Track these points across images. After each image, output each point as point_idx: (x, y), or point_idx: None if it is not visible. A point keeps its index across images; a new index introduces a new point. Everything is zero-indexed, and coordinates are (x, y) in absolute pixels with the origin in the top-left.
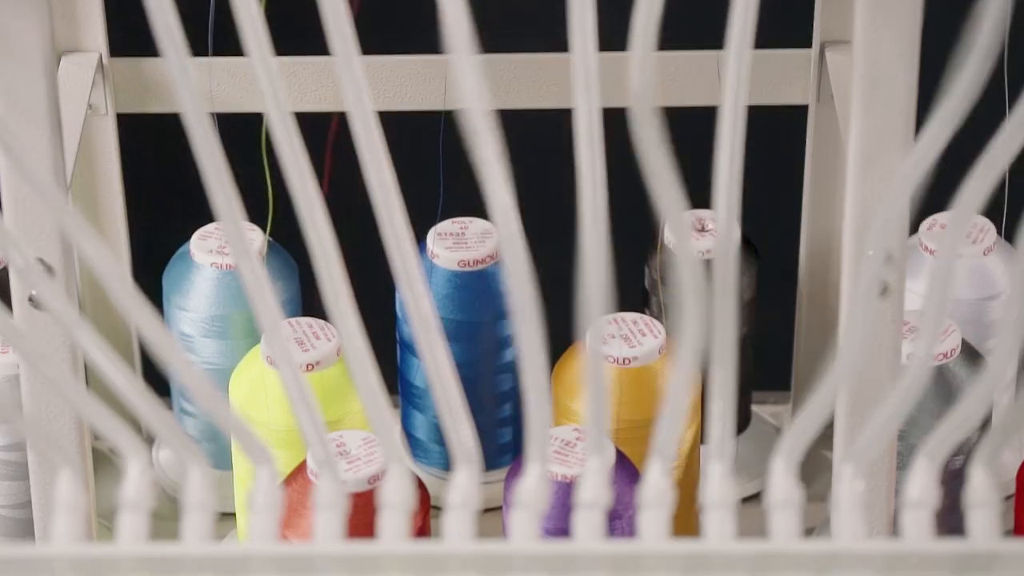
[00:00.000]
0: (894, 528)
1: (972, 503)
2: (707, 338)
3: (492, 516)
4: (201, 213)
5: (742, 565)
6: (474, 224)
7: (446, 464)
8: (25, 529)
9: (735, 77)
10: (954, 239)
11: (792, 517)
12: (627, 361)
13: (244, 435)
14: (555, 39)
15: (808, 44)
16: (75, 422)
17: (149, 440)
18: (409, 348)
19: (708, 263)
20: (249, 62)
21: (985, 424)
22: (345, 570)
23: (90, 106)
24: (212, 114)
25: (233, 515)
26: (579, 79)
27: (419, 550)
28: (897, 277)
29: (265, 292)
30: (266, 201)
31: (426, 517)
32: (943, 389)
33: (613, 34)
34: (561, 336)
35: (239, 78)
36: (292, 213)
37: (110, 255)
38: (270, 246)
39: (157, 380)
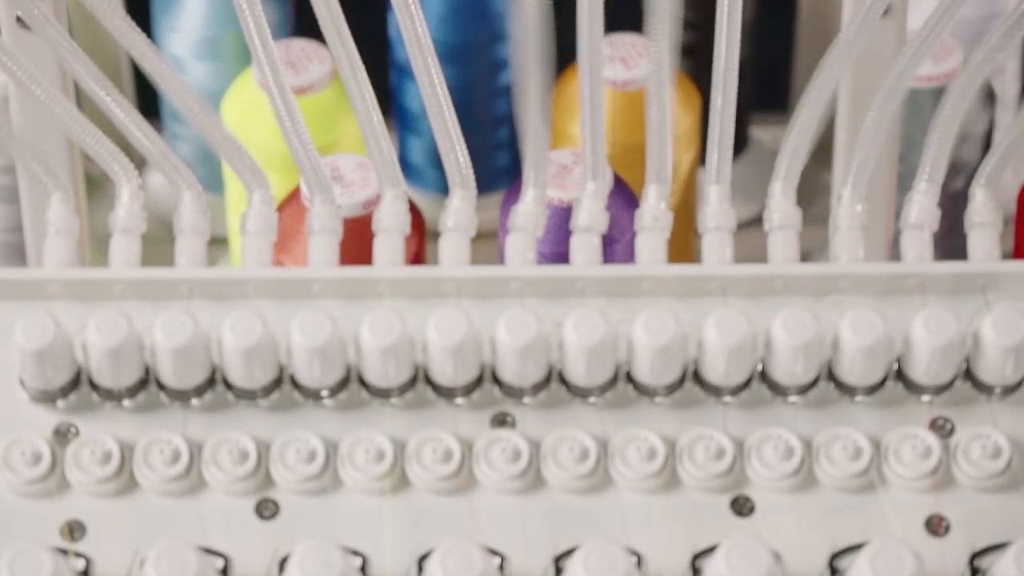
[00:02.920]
0: (893, 251)
1: (972, 224)
2: (707, 62)
3: (488, 241)
4: None
5: (740, 288)
6: None
7: (441, 188)
8: (17, 253)
9: None
10: None
11: (790, 240)
12: (625, 84)
13: (237, 157)
14: None
15: None
16: (65, 145)
17: (141, 164)
18: (404, 72)
19: None
20: None
21: (986, 145)
22: (340, 294)
23: None
24: None
25: (226, 240)
26: None
27: (414, 274)
28: None
29: (255, 12)
30: None
31: (421, 241)
32: None
33: None
34: (557, 58)
35: None
36: None
37: None
38: None
39: (148, 105)
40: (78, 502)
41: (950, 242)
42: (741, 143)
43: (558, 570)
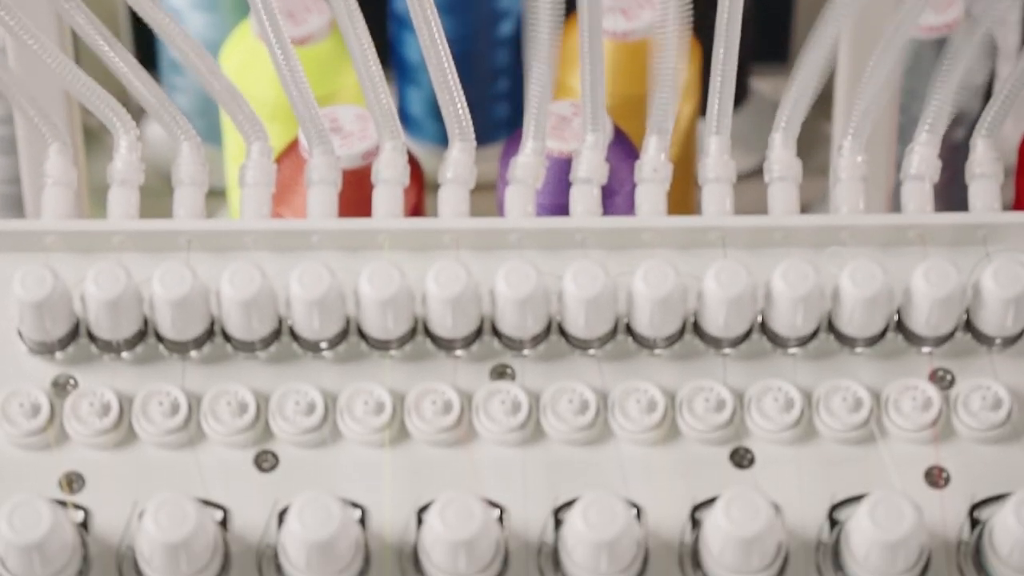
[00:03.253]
0: (894, 202)
1: (973, 175)
2: (708, 14)
3: (487, 193)
4: None
5: (740, 240)
6: None
7: (441, 139)
8: (15, 204)
9: None
10: None
11: (790, 191)
12: (625, 35)
13: (236, 107)
14: None
15: None
16: (63, 96)
17: (139, 115)
18: (403, 22)
19: None
20: None
21: (987, 95)
22: (339, 246)
23: None
24: None
25: (224, 192)
26: None
27: (413, 226)
28: None
29: None
30: None
31: (420, 193)
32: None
33: None
34: None
35: None
36: None
37: None
38: None
39: (146, 56)
40: (77, 454)
41: (951, 193)
42: (741, 94)
43: (557, 522)
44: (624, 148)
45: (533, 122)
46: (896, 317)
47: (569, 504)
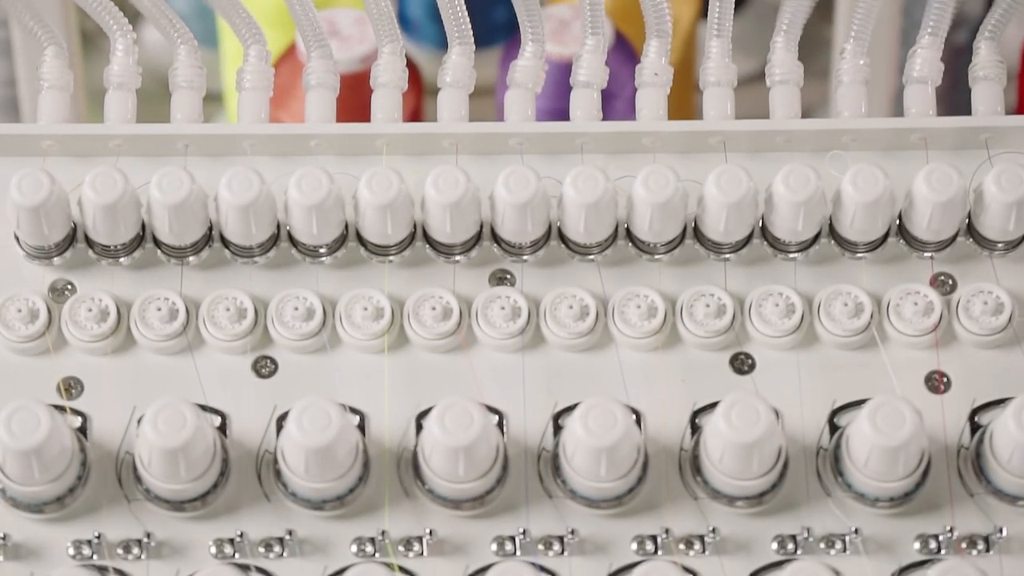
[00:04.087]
0: (896, 106)
1: (976, 78)
2: None
3: (486, 97)
4: None
5: (741, 144)
6: None
7: (440, 43)
8: (11, 108)
9: None
10: None
11: (792, 95)
12: None
13: (233, 10)
14: None
15: None
16: None
17: (135, 18)
18: None
19: None
20: None
21: None
22: (338, 151)
23: None
24: None
25: (221, 97)
26: None
27: (412, 130)
28: None
29: None
30: None
31: (419, 97)
32: None
33: None
34: None
35: None
36: None
37: None
38: None
39: None
40: (75, 359)
41: (954, 98)
42: None
43: (557, 428)
44: (624, 51)
45: (531, 25)
46: (898, 222)
47: (569, 410)
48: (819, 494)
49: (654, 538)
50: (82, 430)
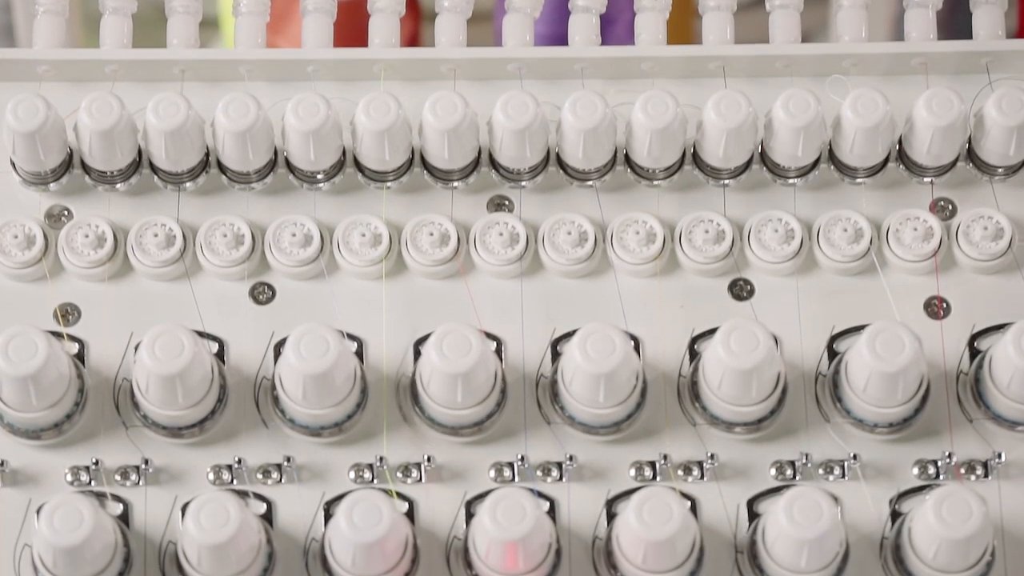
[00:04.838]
0: (896, 30)
1: (977, 2)
2: None
3: (484, 23)
4: None
5: (741, 69)
6: None
7: None
8: (6, 33)
9: None
10: None
11: (792, 19)
12: None
13: None
14: None
15: None
16: None
17: None
18: None
19: None
20: None
21: None
22: (335, 76)
23: None
24: None
25: (217, 22)
26: None
27: (410, 55)
28: None
29: None
30: None
31: (417, 22)
32: None
33: None
34: None
35: None
36: None
37: None
38: None
39: None
40: (71, 285)
41: (954, 23)
42: None
43: (556, 353)
44: None
45: None
46: (898, 147)
47: (567, 336)
48: (818, 420)
49: (652, 464)
50: (79, 356)
